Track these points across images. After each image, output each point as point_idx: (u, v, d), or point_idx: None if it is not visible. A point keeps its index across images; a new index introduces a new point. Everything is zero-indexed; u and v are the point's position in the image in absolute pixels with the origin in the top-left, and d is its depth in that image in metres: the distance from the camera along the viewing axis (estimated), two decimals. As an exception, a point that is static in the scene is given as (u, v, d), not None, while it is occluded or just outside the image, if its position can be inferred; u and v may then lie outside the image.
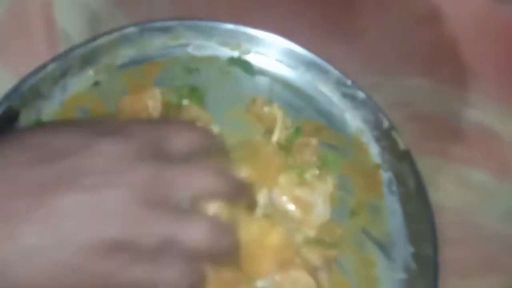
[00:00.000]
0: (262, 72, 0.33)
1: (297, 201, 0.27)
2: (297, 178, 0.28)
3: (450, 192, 0.33)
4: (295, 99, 0.32)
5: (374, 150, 0.31)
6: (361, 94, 0.32)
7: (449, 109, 0.37)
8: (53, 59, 0.30)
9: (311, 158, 0.29)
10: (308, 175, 0.28)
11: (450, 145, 0.35)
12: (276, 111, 0.30)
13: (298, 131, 0.30)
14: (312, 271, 0.25)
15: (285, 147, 0.29)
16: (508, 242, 0.32)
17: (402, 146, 0.30)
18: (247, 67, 0.33)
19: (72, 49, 0.30)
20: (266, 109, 0.31)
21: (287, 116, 0.31)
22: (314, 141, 0.30)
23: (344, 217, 0.28)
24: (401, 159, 0.30)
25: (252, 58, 0.33)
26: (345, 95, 0.32)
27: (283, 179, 0.28)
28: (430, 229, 0.27)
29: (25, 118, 0.29)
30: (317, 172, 0.29)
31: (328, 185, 0.28)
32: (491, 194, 0.34)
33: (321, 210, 0.27)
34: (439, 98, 0.37)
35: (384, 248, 0.28)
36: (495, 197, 0.33)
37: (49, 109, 0.29)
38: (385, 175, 0.30)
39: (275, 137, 0.29)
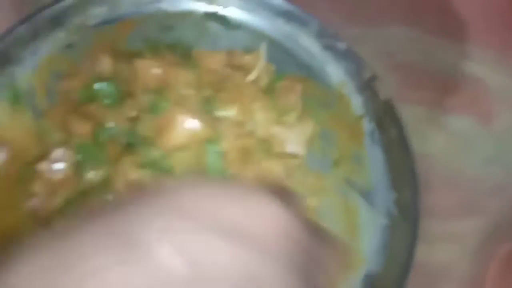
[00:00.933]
0: (239, 26, 0.32)
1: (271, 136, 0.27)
2: (276, 117, 0.28)
3: (432, 139, 0.33)
4: (274, 52, 0.31)
5: (356, 101, 0.31)
6: (342, 45, 0.31)
7: (433, 58, 0.36)
8: (21, 22, 0.28)
9: (295, 102, 0.29)
10: (289, 118, 0.28)
11: (434, 94, 0.35)
12: (260, 53, 0.30)
13: (280, 74, 0.30)
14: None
15: (268, 89, 0.29)
16: (487, 186, 0.32)
17: (384, 95, 0.30)
18: (224, 22, 0.32)
19: (40, 10, 0.29)
20: (247, 57, 0.30)
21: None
22: (298, 85, 0.30)
23: (327, 168, 0.29)
24: (383, 109, 0.30)
25: (229, 12, 0.32)
26: (326, 47, 0.32)
27: (260, 115, 0.28)
28: (411, 175, 0.27)
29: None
30: (296, 115, 0.29)
31: (306, 127, 0.28)
32: (473, 141, 0.34)
33: (294, 148, 0.27)
34: (423, 47, 0.36)
35: (367, 195, 0.28)
36: (476, 144, 0.34)
37: (22, 75, 0.29)
38: (368, 125, 0.30)
39: (253, 75, 0.29)
